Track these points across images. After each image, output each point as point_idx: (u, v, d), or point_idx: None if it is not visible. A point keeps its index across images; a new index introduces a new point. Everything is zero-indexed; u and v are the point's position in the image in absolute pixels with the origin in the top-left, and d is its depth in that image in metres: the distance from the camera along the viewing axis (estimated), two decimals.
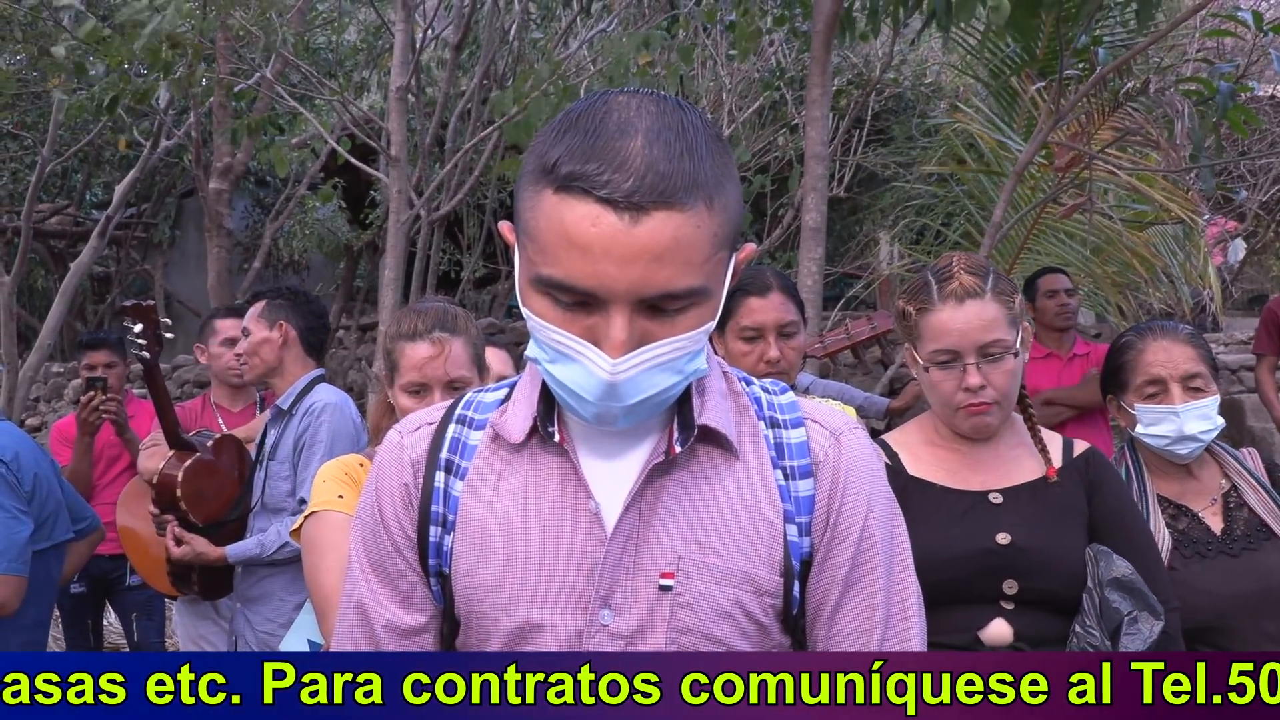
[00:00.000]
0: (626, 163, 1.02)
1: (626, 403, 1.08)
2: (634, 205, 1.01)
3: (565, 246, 1.03)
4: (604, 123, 1.04)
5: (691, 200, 1.03)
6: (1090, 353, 4.75)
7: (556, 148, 1.05)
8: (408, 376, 2.16)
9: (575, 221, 1.02)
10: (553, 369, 1.10)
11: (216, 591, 3.37)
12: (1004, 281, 1.96)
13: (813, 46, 4.83)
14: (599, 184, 1.01)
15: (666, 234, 1.02)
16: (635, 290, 1.03)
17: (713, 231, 1.06)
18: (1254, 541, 2.12)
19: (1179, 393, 2.15)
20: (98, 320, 12.54)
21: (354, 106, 6.57)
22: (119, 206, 8.36)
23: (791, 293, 2.53)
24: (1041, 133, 4.90)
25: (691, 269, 1.05)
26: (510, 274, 10.56)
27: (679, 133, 1.05)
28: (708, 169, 1.05)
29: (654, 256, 1.02)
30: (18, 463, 2.64)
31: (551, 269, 1.05)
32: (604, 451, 1.18)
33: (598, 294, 1.04)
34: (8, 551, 2.52)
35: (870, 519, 1.19)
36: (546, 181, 1.05)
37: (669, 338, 1.07)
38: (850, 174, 8.16)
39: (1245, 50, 7.41)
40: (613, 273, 1.02)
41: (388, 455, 1.25)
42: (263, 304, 3.34)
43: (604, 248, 1.02)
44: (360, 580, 1.24)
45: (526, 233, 1.09)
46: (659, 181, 1.01)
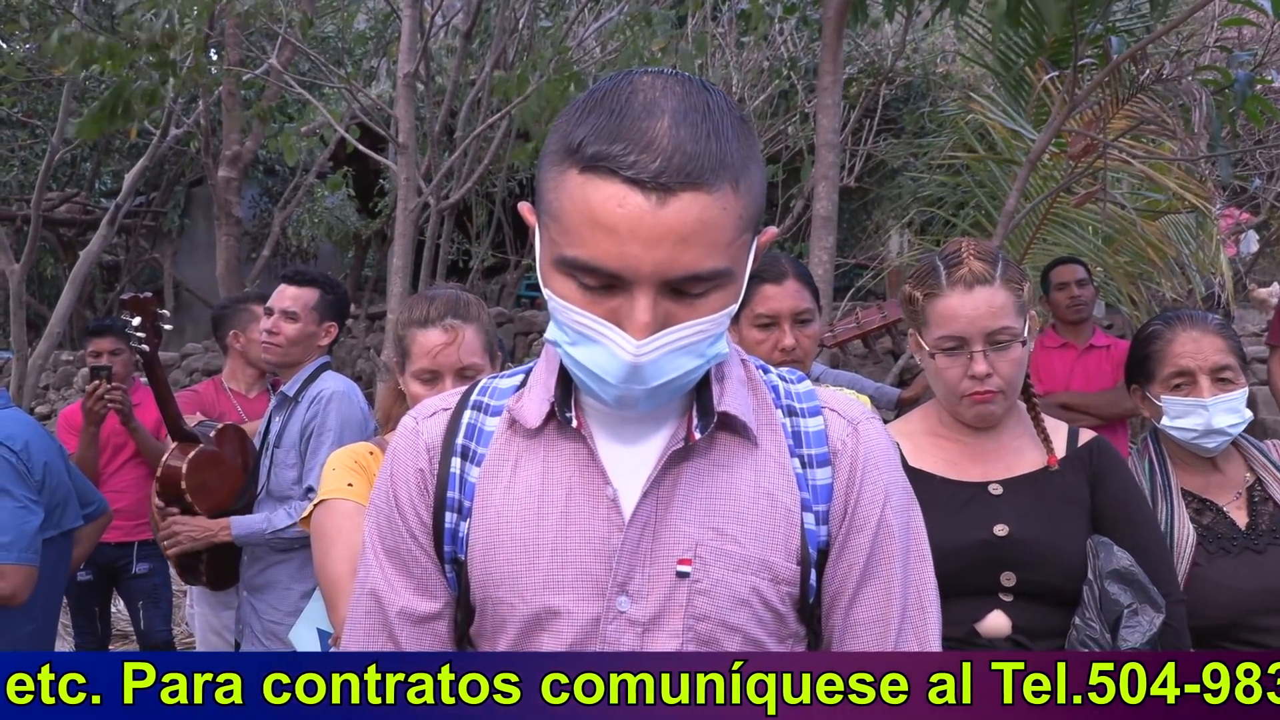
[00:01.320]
0: (653, 143, 1.00)
1: (649, 385, 1.06)
2: (661, 186, 1.00)
3: (591, 227, 1.02)
4: (629, 102, 1.03)
5: (718, 182, 1.02)
6: (1111, 346, 4.69)
7: (581, 127, 1.03)
8: (419, 363, 2.14)
9: (601, 202, 1.01)
10: (574, 351, 1.08)
11: (224, 580, 3.36)
12: (1013, 269, 1.93)
13: (824, 33, 4.80)
14: (626, 164, 1.00)
15: (693, 215, 1.01)
16: (661, 272, 1.02)
17: (738, 214, 1.05)
18: (1279, 537, 2.09)
19: (1208, 385, 2.10)
20: (107, 308, 12.58)
21: (363, 94, 6.55)
22: (128, 195, 8.37)
23: (807, 280, 2.50)
24: (1056, 120, 4.85)
25: (717, 251, 1.03)
26: (520, 263, 10.50)
27: (705, 114, 1.03)
28: (734, 150, 1.03)
29: (680, 238, 1.01)
30: (28, 451, 2.63)
31: (576, 250, 1.03)
32: (622, 437, 1.17)
33: (623, 275, 1.02)
34: (18, 541, 2.51)
35: (887, 509, 1.19)
36: (571, 161, 1.03)
37: (692, 320, 1.05)
38: (861, 164, 8.12)
39: (1263, 40, 7.36)
40: (638, 254, 1.01)
41: (403, 441, 1.24)
42: (316, 296, 3.30)
43: (630, 228, 1.00)
44: (374, 567, 1.23)
45: (549, 213, 1.07)
46: (686, 162, 1.00)
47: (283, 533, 3.09)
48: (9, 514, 2.52)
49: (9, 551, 2.49)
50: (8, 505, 2.52)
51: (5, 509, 2.52)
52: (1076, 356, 4.59)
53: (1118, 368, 4.51)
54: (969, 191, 7.13)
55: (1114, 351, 4.61)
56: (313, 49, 6.92)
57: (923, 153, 8.08)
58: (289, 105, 7.45)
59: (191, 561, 3.30)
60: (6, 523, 2.50)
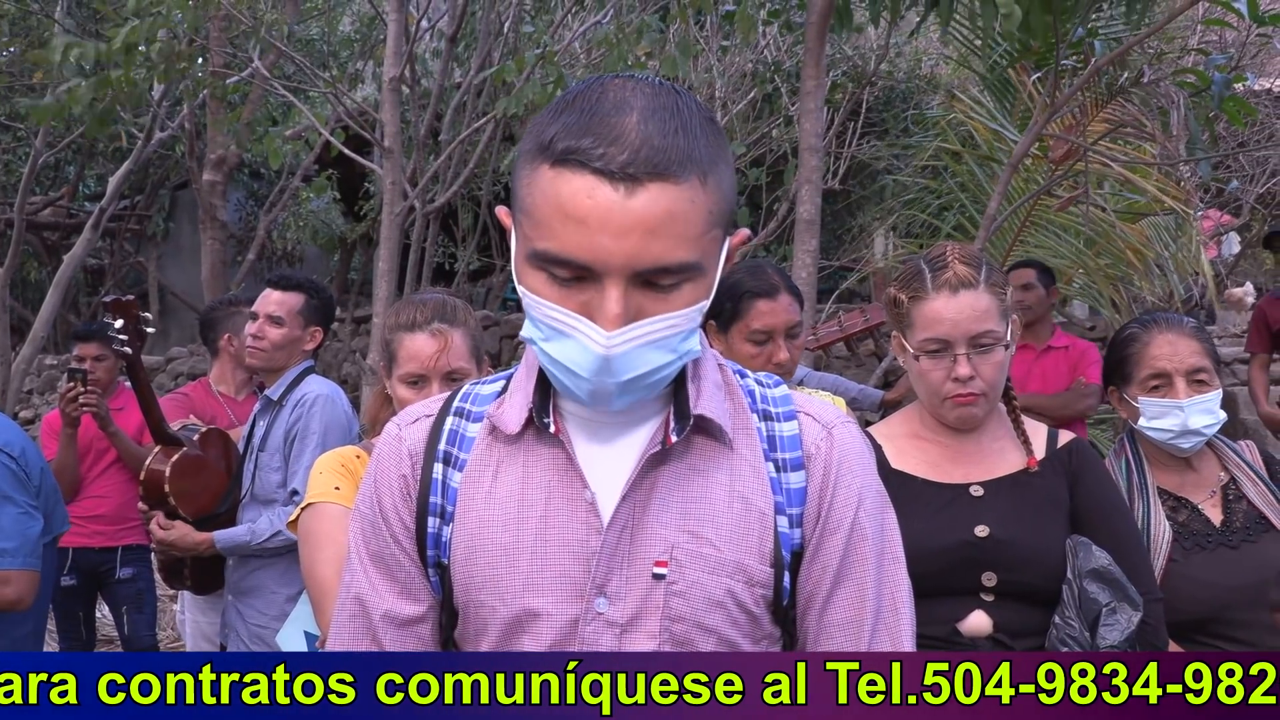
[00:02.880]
0: (622, 137, 1.03)
1: (620, 378, 1.08)
2: (629, 177, 1.02)
3: (561, 219, 1.04)
4: (600, 102, 1.06)
5: (686, 174, 1.04)
6: (1069, 346, 4.73)
7: (553, 126, 1.06)
8: (406, 367, 2.15)
9: (571, 194, 1.03)
10: (547, 347, 1.10)
11: (209, 585, 3.36)
12: (997, 273, 1.96)
13: (807, 38, 4.82)
14: (594, 156, 1.02)
15: (661, 206, 1.03)
16: (630, 263, 1.04)
17: (707, 208, 1.07)
18: (1253, 533, 2.12)
19: (1184, 387, 2.14)
20: (91, 312, 12.52)
21: (348, 98, 6.55)
22: (113, 198, 8.34)
23: (795, 291, 2.55)
24: (1037, 124, 4.89)
25: (686, 243, 1.05)
26: (505, 267, 10.53)
27: (674, 112, 1.06)
28: (701, 147, 1.06)
29: (649, 229, 1.03)
30: (25, 457, 2.64)
31: (547, 243, 1.06)
32: (599, 442, 1.19)
33: (593, 267, 1.04)
34: (22, 547, 2.53)
35: (861, 512, 1.20)
36: (543, 158, 1.06)
37: (663, 314, 1.07)
38: (845, 166, 8.15)
39: (1240, 43, 7.42)
40: (608, 245, 1.03)
41: (386, 448, 1.25)
42: (301, 300, 3.30)
43: (600, 220, 1.03)
44: (359, 571, 1.24)
45: (523, 210, 1.09)
46: (654, 155, 1.03)
47: (267, 543, 3.09)
48: (12, 520, 2.53)
49: (14, 557, 2.51)
50: (10, 512, 2.53)
51: (8, 515, 2.53)
52: (1035, 358, 4.61)
53: (1074, 368, 4.57)
54: (952, 194, 7.16)
55: (1071, 352, 4.66)
56: (298, 52, 6.91)
57: (907, 153, 8.12)
58: (274, 109, 7.43)
59: (176, 566, 3.30)
60: (10, 529, 2.52)
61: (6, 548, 2.49)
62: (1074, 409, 4.44)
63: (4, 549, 2.49)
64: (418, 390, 2.12)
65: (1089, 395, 4.45)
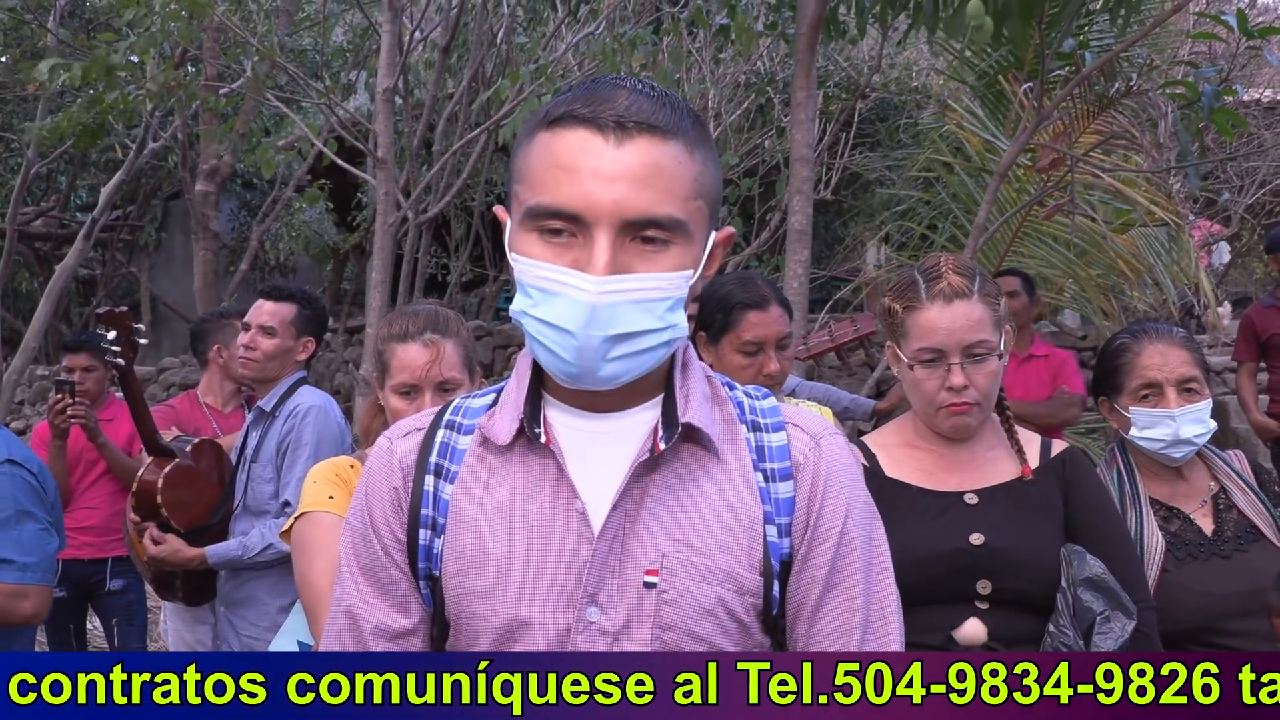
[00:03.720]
0: (614, 100, 1.11)
1: (606, 332, 1.09)
2: (619, 127, 1.09)
3: (554, 171, 1.10)
4: (594, 85, 1.14)
5: (674, 136, 1.11)
6: (1050, 355, 4.76)
7: (550, 107, 1.14)
8: (399, 378, 2.15)
9: (564, 147, 1.10)
10: (536, 311, 1.12)
11: (200, 596, 3.35)
12: (990, 284, 1.97)
13: (796, 49, 4.84)
14: (587, 114, 1.10)
15: (650, 158, 1.09)
16: (619, 210, 1.08)
17: (693, 174, 1.12)
18: (1243, 543, 2.13)
19: (1174, 396, 2.15)
20: (83, 323, 12.48)
21: (341, 108, 6.56)
22: (105, 209, 8.34)
23: (785, 303, 2.58)
24: (1025, 133, 4.91)
25: (673, 199, 1.10)
26: (498, 277, 10.50)
27: (663, 97, 1.14)
28: (689, 127, 1.13)
29: (637, 177, 1.08)
30: (42, 474, 2.67)
31: (539, 196, 1.10)
32: (589, 452, 1.20)
33: (583, 215, 1.08)
34: (42, 563, 2.55)
35: (849, 522, 1.21)
36: (539, 127, 1.13)
37: (650, 272, 1.10)
38: (837, 177, 8.17)
39: (1230, 55, 7.46)
40: (597, 192, 1.08)
41: (378, 461, 1.26)
42: (294, 311, 3.30)
43: (592, 168, 1.08)
44: (350, 584, 1.25)
45: (518, 179, 1.15)
46: (643, 114, 1.10)
47: (259, 556, 3.09)
48: (33, 536, 2.54)
49: (34, 573, 2.52)
50: (31, 528, 2.55)
51: (29, 531, 2.54)
52: (1016, 366, 4.63)
53: (1055, 376, 4.60)
54: (944, 206, 7.19)
55: (1051, 360, 4.69)
56: (291, 63, 6.91)
57: (899, 164, 8.14)
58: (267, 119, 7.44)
59: (168, 578, 3.29)
60: (30, 544, 2.53)
61: (28, 563, 2.51)
62: (1059, 418, 4.47)
63: (25, 564, 2.50)
64: (410, 400, 2.13)
65: (1073, 404, 4.48)
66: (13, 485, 2.53)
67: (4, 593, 2.45)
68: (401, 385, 2.15)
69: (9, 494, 2.51)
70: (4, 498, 2.50)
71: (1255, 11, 10.22)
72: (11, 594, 2.46)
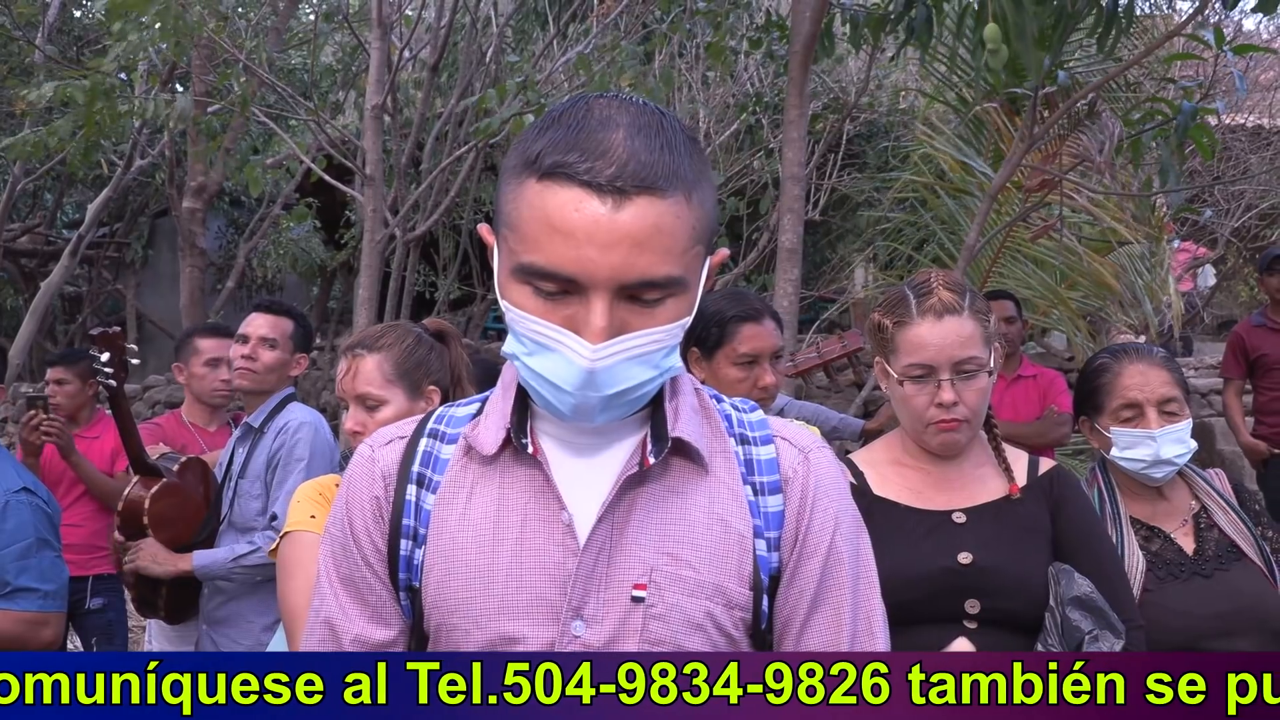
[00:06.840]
0: (609, 151, 1.04)
1: (604, 393, 1.08)
2: (617, 190, 1.03)
3: (548, 232, 1.04)
4: (586, 118, 1.07)
5: (672, 189, 1.05)
6: (1038, 375, 4.77)
7: (539, 142, 1.07)
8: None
9: (558, 207, 1.04)
10: (530, 361, 1.10)
11: (182, 614, 3.32)
12: (980, 300, 1.97)
13: (790, 68, 4.86)
14: (582, 170, 1.03)
15: (649, 220, 1.04)
16: (617, 276, 1.04)
17: (691, 224, 1.08)
18: (1225, 562, 2.14)
19: (1155, 417, 2.16)
20: (68, 340, 12.41)
21: (329, 126, 6.56)
22: (91, 225, 8.31)
23: (777, 317, 2.61)
24: (1015, 156, 4.93)
25: (671, 258, 1.06)
26: (486, 295, 10.46)
27: (659, 129, 1.08)
28: (686, 165, 1.08)
29: (635, 242, 1.04)
30: (52, 504, 2.71)
31: (533, 255, 1.06)
32: (577, 463, 1.18)
33: (579, 280, 1.05)
34: (59, 591, 2.59)
35: (838, 535, 1.20)
36: (530, 172, 1.07)
37: (647, 329, 1.08)
38: (825, 197, 8.20)
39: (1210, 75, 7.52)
40: (595, 258, 1.03)
41: (359, 469, 1.24)
42: (292, 325, 3.31)
43: (587, 232, 1.03)
44: (329, 595, 1.23)
45: (508, 224, 1.10)
46: (641, 169, 1.04)
47: (244, 559, 3.06)
48: (50, 564, 2.58)
49: (54, 600, 2.56)
50: (49, 555, 2.59)
51: (47, 559, 2.58)
52: (1005, 387, 4.64)
53: (1044, 396, 4.62)
54: (929, 227, 7.22)
55: (1040, 381, 4.70)
56: (279, 80, 6.91)
57: (885, 186, 8.18)
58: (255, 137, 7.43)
59: (150, 595, 3.26)
60: (49, 573, 2.57)
61: (49, 590, 2.55)
62: (1049, 438, 4.47)
63: (47, 592, 2.54)
64: (349, 411, 2.22)
65: (1063, 424, 4.49)
66: (33, 514, 2.57)
67: (27, 621, 2.49)
68: (341, 398, 2.25)
69: (29, 523, 2.55)
70: (24, 526, 2.54)
71: (1241, 38, 10.32)
72: (34, 622, 2.50)
